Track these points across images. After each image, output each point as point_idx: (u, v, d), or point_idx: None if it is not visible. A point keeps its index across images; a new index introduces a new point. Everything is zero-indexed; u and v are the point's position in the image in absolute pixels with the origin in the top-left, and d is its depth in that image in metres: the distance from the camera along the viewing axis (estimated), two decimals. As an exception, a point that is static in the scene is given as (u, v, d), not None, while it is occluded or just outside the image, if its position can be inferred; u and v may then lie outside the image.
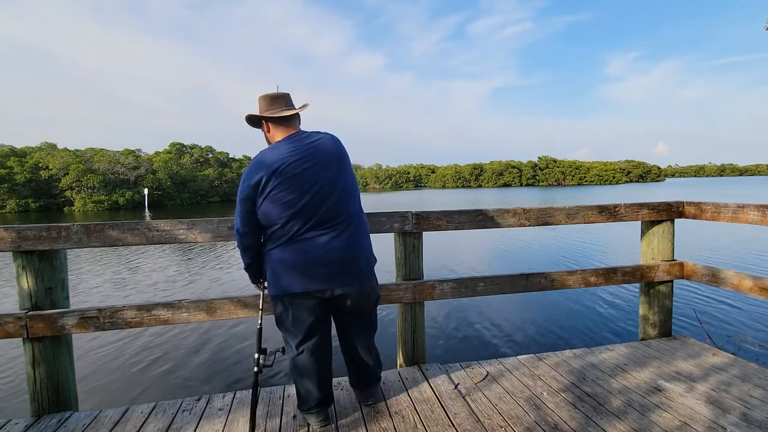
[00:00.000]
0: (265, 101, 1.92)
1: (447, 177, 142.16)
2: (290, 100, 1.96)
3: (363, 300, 1.96)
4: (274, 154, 1.80)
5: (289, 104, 1.95)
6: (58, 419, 2.10)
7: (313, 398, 1.95)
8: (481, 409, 2.07)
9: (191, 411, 2.14)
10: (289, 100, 1.95)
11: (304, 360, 1.93)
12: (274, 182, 1.76)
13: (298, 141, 1.84)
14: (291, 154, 1.79)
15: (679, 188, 67.38)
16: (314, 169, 1.80)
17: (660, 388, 2.23)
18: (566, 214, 2.76)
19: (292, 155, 1.79)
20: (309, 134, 1.89)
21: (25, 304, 2.13)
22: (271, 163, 1.78)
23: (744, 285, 2.55)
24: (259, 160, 1.82)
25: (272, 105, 1.91)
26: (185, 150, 68.24)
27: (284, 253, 1.80)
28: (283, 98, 1.92)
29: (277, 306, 1.91)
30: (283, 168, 1.76)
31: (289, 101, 1.95)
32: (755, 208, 2.49)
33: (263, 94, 1.93)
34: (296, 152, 1.80)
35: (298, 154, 1.79)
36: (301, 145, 1.82)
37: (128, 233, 2.19)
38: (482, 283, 2.63)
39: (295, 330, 1.90)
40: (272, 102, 1.91)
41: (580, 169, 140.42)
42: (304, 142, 1.83)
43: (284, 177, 1.76)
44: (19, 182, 44.09)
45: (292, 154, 1.79)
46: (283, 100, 1.92)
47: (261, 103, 1.93)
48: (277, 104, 1.91)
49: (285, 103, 1.92)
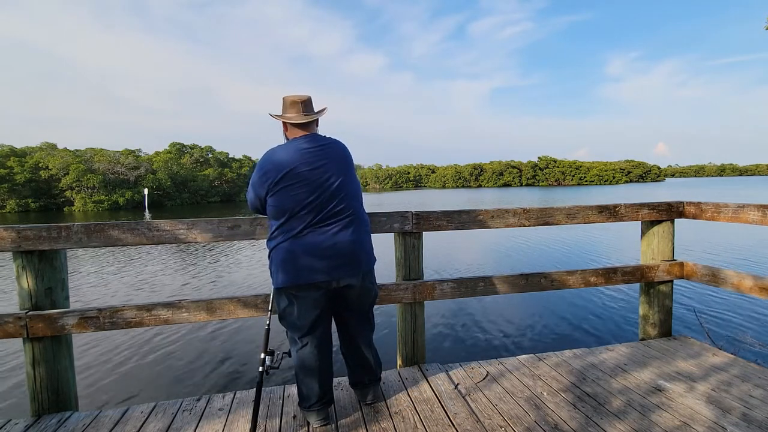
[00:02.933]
0: (285, 103, 2.02)
1: (447, 177, 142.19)
2: (310, 103, 2.05)
3: (364, 294, 2.04)
4: (287, 152, 1.91)
5: (308, 108, 2.03)
6: (58, 419, 2.10)
7: (314, 395, 1.97)
8: (481, 409, 2.07)
9: (191, 411, 2.14)
10: (308, 104, 2.03)
11: (308, 353, 1.96)
12: (284, 179, 1.87)
13: (311, 142, 1.94)
14: (303, 154, 1.90)
15: (679, 188, 67.35)
16: (323, 169, 1.90)
17: (660, 388, 2.23)
18: (566, 214, 2.76)
19: (304, 155, 1.90)
20: (322, 138, 2.00)
21: (25, 304, 2.13)
22: (282, 160, 1.90)
23: (744, 285, 2.55)
24: (271, 155, 1.94)
25: (291, 109, 2.01)
26: (185, 150, 68.23)
27: (291, 246, 1.86)
28: (302, 103, 2.01)
29: (282, 300, 1.94)
30: (294, 166, 1.87)
31: (308, 105, 2.03)
32: (755, 208, 2.49)
33: (286, 95, 2.03)
34: (308, 153, 1.91)
35: (309, 154, 1.90)
36: (314, 146, 1.93)
37: (128, 233, 2.20)
38: (482, 283, 2.63)
39: (300, 323, 1.94)
40: (291, 106, 2.01)
41: (580, 169, 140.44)
42: (317, 145, 1.94)
43: (294, 175, 1.86)
44: (19, 182, 44.11)
45: (303, 154, 1.90)
46: (302, 105, 2.01)
47: (283, 104, 2.03)
48: (295, 109, 2.00)
49: (303, 108, 2.01)
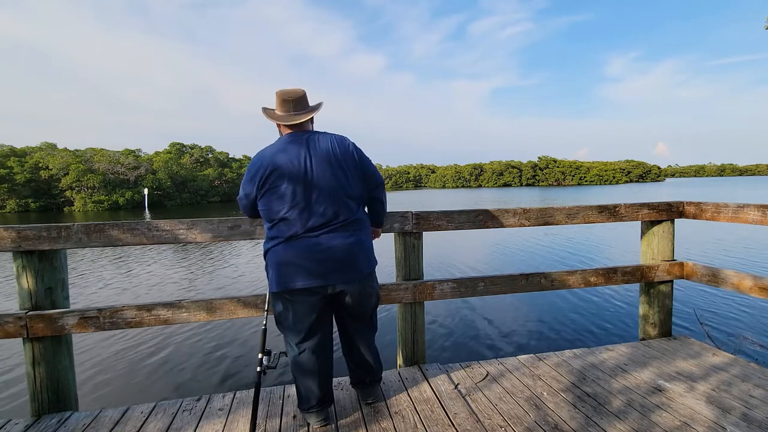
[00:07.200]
0: (277, 100, 1.95)
1: (447, 177, 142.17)
2: (303, 100, 1.96)
3: (364, 300, 1.98)
4: (276, 151, 1.86)
5: (300, 106, 1.95)
6: (58, 419, 2.10)
7: (313, 397, 1.95)
8: (481, 409, 2.07)
9: (191, 411, 2.14)
10: (300, 102, 1.94)
11: (305, 359, 1.93)
12: (270, 179, 1.82)
13: (303, 140, 1.88)
14: (291, 153, 1.84)
15: (679, 188, 67.34)
16: (315, 168, 1.83)
17: (660, 388, 2.23)
18: (566, 214, 2.76)
19: (291, 154, 1.84)
20: (315, 134, 1.92)
21: (25, 304, 2.13)
22: (271, 159, 1.84)
23: (744, 285, 2.55)
24: (260, 155, 1.89)
25: (282, 107, 1.94)
26: (185, 150, 68.22)
27: (286, 250, 1.83)
28: (293, 102, 1.93)
29: (278, 305, 1.91)
30: (280, 165, 1.82)
31: (299, 103, 1.94)
32: (755, 208, 2.49)
33: (279, 90, 1.95)
34: (299, 151, 1.85)
35: (300, 152, 1.84)
36: (305, 144, 1.86)
37: (128, 233, 2.20)
38: (482, 283, 2.63)
39: (296, 328, 1.90)
40: (283, 104, 1.93)
41: (580, 169, 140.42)
42: (309, 143, 1.87)
43: (281, 175, 1.82)
44: (19, 182, 44.11)
45: (291, 154, 1.84)
46: (293, 104, 1.93)
47: (276, 99, 1.97)
48: (287, 107, 1.93)
49: (294, 105, 1.93)
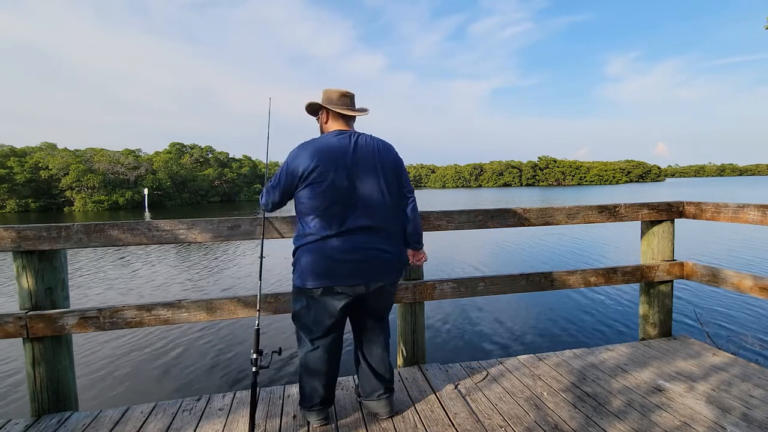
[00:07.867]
0: (334, 94, 2.00)
1: (447, 177, 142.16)
2: (354, 101, 2.07)
3: (386, 299, 2.02)
4: (323, 145, 1.86)
5: (353, 105, 2.05)
6: (58, 419, 2.10)
7: (317, 396, 1.95)
8: (481, 409, 2.07)
9: (191, 411, 2.14)
10: (354, 100, 2.06)
11: (317, 357, 1.93)
12: (316, 173, 1.80)
13: (350, 139, 1.90)
14: (340, 149, 1.85)
15: (680, 188, 67.32)
16: (360, 167, 1.86)
17: (660, 388, 2.23)
18: (566, 214, 2.76)
19: (341, 151, 1.85)
20: (363, 135, 1.96)
21: (25, 304, 2.13)
22: (317, 152, 1.83)
23: (744, 285, 2.55)
24: (305, 147, 1.88)
25: (340, 100, 2.00)
26: (185, 150, 68.17)
27: (321, 247, 1.82)
28: (350, 98, 2.03)
29: (301, 300, 1.91)
30: (329, 160, 1.82)
31: (353, 101, 2.05)
32: (755, 208, 2.49)
33: (331, 88, 2.02)
34: (346, 149, 1.86)
35: (347, 150, 1.86)
36: (352, 143, 1.89)
37: (128, 233, 2.19)
38: (482, 283, 2.63)
39: (316, 326, 1.90)
40: (341, 97, 2.00)
41: (580, 169, 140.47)
42: (356, 142, 1.90)
43: (328, 169, 1.81)
44: (19, 182, 44.08)
45: (340, 150, 1.85)
46: (350, 99, 2.03)
47: (327, 95, 2.01)
48: (344, 102, 2.00)
49: (351, 103, 2.03)
